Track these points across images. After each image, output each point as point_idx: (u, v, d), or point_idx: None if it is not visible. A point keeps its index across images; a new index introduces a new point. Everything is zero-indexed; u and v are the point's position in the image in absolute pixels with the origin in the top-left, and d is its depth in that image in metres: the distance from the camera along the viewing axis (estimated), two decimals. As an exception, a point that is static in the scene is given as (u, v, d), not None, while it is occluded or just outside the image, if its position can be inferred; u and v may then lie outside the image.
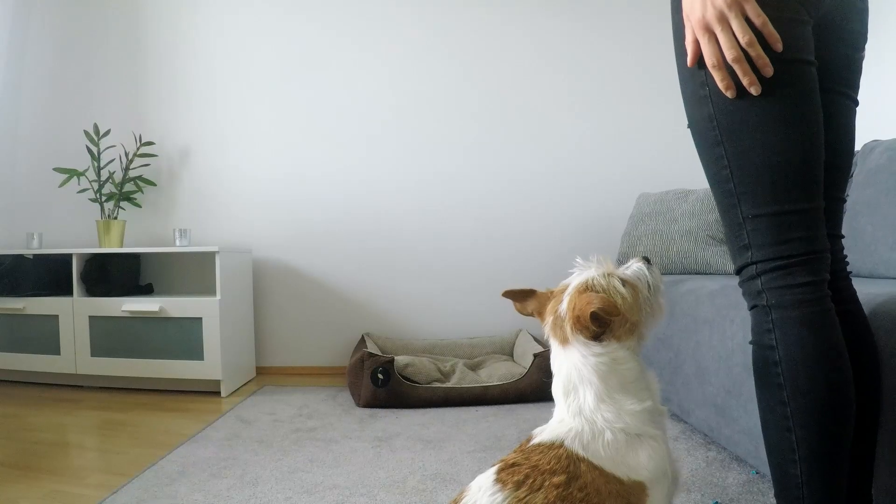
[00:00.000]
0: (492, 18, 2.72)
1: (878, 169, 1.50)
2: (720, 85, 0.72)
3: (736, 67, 0.70)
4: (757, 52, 0.69)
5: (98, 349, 2.26)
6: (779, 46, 0.70)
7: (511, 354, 2.49)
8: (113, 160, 2.66)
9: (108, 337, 2.26)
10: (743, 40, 0.68)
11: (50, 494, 1.28)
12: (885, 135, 1.83)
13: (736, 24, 0.68)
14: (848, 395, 0.71)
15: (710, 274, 2.02)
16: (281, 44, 2.73)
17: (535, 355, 2.01)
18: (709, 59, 0.72)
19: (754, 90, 0.70)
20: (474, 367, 2.29)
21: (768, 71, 0.70)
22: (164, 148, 2.74)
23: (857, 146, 1.76)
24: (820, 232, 0.74)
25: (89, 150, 2.57)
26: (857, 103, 0.86)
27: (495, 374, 2.06)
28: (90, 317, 2.27)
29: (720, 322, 1.35)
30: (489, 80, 2.71)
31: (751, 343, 0.79)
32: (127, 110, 2.75)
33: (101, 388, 2.34)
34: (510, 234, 2.70)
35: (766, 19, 0.69)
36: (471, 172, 2.71)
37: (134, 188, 2.63)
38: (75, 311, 2.28)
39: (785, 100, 0.72)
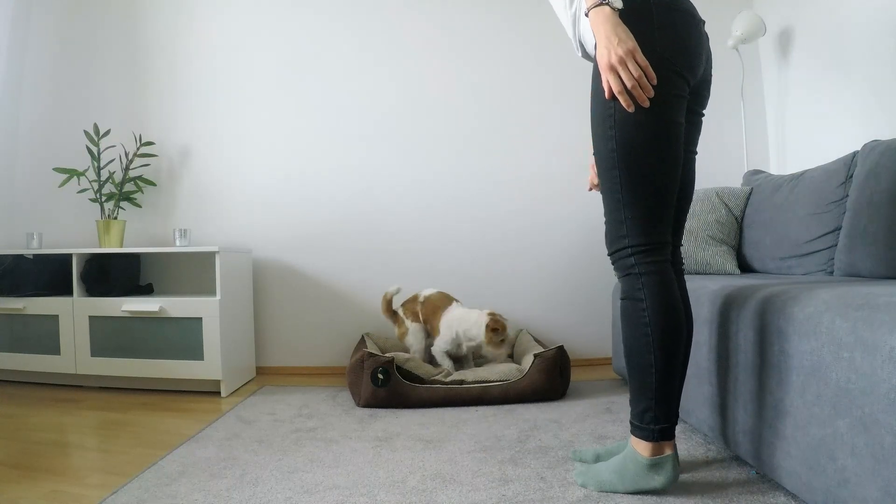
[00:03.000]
0: (491, 19, 2.72)
1: (878, 169, 1.50)
2: (623, 104, 1.06)
3: (634, 91, 1.04)
4: (643, 83, 1.04)
5: (98, 349, 2.26)
6: (654, 81, 1.05)
7: (511, 355, 2.49)
8: (113, 160, 2.66)
9: (108, 337, 2.26)
10: (635, 75, 1.03)
11: (50, 494, 1.28)
12: (885, 135, 1.83)
13: (631, 66, 1.03)
14: (682, 329, 1.15)
15: (710, 274, 2.02)
16: (281, 44, 2.73)
17: (536, 355, 2.01)
18: (615, 87, 1.05)
19: (645, 104, 1.06)
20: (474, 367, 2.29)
21: (646, 98, 1.05)
22: (164, 148, 2.74)
23: (857, 146, 1.77)
24: (669, 230, 1.18)
25: (89, 150, 2.57)
26: (696, 154, 1.29)
27: (494, 370, 2.06)
28: (90, 317, 2.27)
29: (720, 322, 1.35)
30: (489, 80, 2.72)
31: (622, 299, 1.19)
32: (127, 110, 2.75)
33: (101, 388, 2.34)
34: (510, 234, 2.70)
35: (648, 64, 1.04)
36: (470, 172, 2.71)
37: (134, 188, 2.63)
38: (75, 311, 2.28)
39: (663, 146, 1.12)
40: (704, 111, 1.27)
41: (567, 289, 2.70)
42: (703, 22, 1.17)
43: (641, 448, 1.17)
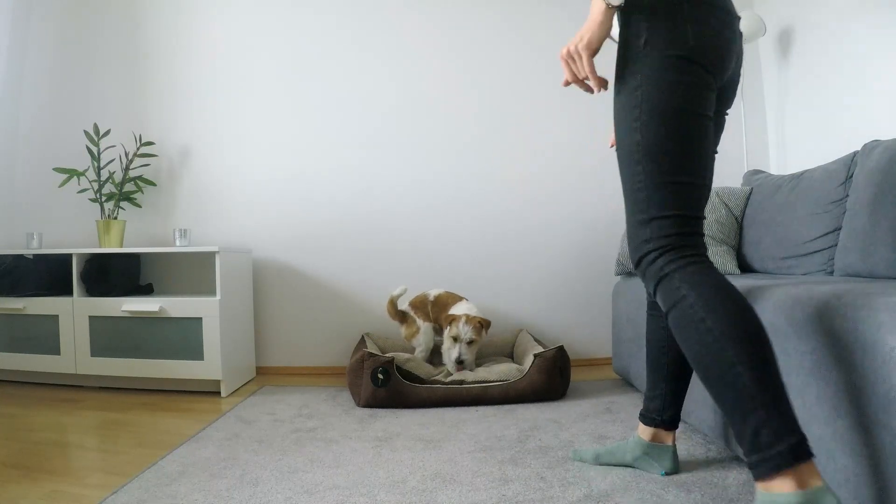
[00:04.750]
0: (492, 20, 2.72)
1: (878, 169, 1.50)
2: (581, 88, 1.09)
3: (579, 85, 1.08)
4: (587, 83, 1.08)
5: (98, 349, 2.26)
6: (595, 89, 1.07)
7: (511, 355, 2.49)
8: (113, 160, 2.66)
9: (108, 337, 2.26)
10: (580, 76, 1.06)
11: (50, 494, 1.28)
12: (885, 135, 1.83)
13: (577, 65, 1.06)
14: (749, 307, 0.91)
15: (710, 274, 2.02)
16: (281, 44, 2.73)
17: (536, 355, 2.01)
18: (566, 77, 1.08)
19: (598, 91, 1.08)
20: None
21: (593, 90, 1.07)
22: (164, 148, 2.74)
23: (857, 146, 1.77)
24: (702, 229, 1.03)
25: (89, 150, 2.57)
26: (717, 153, 1.21)
27: (494, 370, 2.06)
28: (90, 317, 2.27)
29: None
30: (489, 80, 2.72)
31: (668, 313, 0.97)
32: (127, 110, 2.75)
33: (101, 388, 2.34)
34: (510, 234, 2.70)
35: (592, 73, 1.04)
36: (471, 172, 2.71)
37: (134, 188, 2.63)
38: (75, 311, 2.28)
39: (694, 140, 1.01)
40: (728, 111, 1.22)
41: (567, 289, 2.70)
42: (739, 18, 1.10)
43: (780, 486, 0.80)
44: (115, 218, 2.56)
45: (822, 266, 1.70)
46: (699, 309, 0.91)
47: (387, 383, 1.94)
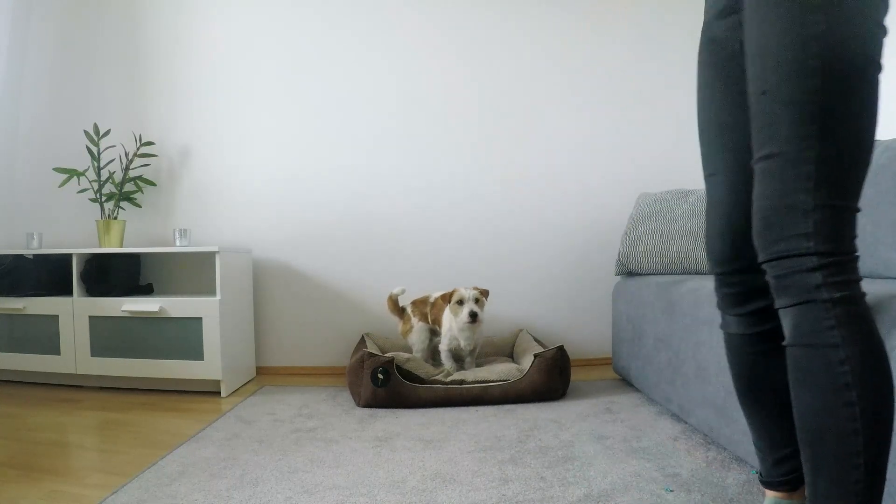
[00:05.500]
0: (494, 19, 2.72)
1: (879, 169, 1.50)
2: None
3: None
4: None
5: (98, 349, 2.26)
6: None
7: (511, 355, 2.49)
8: (113, 160, 2.66)
9: (108, 337, 2.26)
10: None
11: (50, 494, 1.28)
12: (885, 135, 1.83)
13: None
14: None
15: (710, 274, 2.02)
16: (282, 43, 2.73)
17: (536, 355, 2.01)
18: None
19: None
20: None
21: None
22: (164, 148, 2.73)
23: (857, 146, 1.76)
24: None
25: (89, 150, 2.57)
26: None
27: (494, 370, 2.07)
28: (90, 317, 2.27)
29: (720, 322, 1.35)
30: (491, 80, 2.71)
31: (794, 345, 0.74)
32: (127, 110, 2.75)
33: (101, 388, 2.34)
34: (511, 234, 2.70)
35: None
36: (471, 172, 2.71)
37: (134, 188, 2.63)
38: (75, 311, 2.28)
39: (874, 102, 0.74)
40: None
41: (567, 289, 2.70)
42: None
43: None
44: (115, 218, 2.56)
45: (822, 266, 1.70)
46: (849, 373, 0.69)
47: (387, 383, 1.94)
